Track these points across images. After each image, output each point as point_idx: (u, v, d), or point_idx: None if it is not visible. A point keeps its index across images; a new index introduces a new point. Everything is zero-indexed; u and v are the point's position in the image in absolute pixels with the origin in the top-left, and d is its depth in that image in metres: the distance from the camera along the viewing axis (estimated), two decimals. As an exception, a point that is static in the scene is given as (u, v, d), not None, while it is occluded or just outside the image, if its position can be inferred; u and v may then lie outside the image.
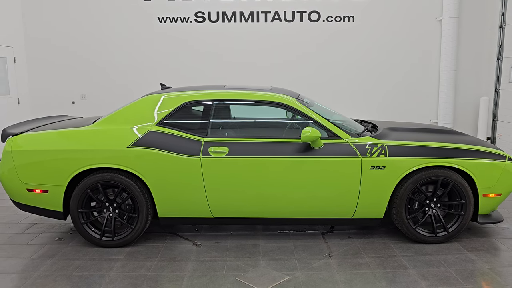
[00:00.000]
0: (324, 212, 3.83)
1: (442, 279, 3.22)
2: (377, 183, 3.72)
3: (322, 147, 3.73)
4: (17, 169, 3.79)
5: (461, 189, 3.76)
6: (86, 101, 8.84)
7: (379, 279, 3.24)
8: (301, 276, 3.29)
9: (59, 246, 3.91)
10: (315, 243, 3.93)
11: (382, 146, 3.75)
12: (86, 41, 8.67)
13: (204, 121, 3.88)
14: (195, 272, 3.37)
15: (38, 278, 3.28)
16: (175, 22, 8.58)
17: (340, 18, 8.57)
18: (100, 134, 3.79)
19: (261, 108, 4.05)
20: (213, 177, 3.71)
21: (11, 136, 3.87)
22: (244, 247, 3.86)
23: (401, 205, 3.77)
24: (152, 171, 3.70)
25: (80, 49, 8.70)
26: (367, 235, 4.11)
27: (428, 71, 8.72)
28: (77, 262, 3.56)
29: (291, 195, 3.76)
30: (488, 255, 3.65)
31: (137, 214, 3.79)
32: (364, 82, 8.76)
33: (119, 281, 3.23)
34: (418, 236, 3.84)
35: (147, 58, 8.71)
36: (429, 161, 3.70)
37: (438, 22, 8.52)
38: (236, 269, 3.42)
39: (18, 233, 4.24)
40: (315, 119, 3.87)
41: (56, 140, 3.79)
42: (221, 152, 3.71)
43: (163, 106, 3.92)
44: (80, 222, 3.79)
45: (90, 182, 3.73)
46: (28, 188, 3.81)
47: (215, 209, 3.81)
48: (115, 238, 3.82)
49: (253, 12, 8.55)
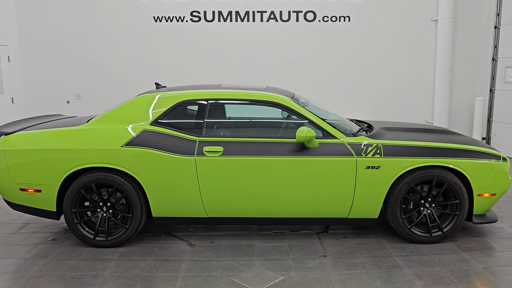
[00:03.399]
0: (319, 212, 3.82)
1: (437, 279, 3.22)
2: (372, 183, 3.72)
3: (317, 146, 3.72)
4: (10, 168, 3.75)
5: (456, 189, 3.76)
6: (80, 100, 8.80)
7: (374, 279, 3.23)
8: (296, 276, 3.28)
9: (53, 246, 3.88)
10: (310, 243, 3.92)
11: (377, 146, 3.74)
12: (81, 40, 8.63)
13: (198, 121, 3.86)
14: (189, 272, 3.35)
15: (31, 279, 3.25)
16: (170, 21, 8.56)
17: (336, 18, 8.58)
18: (94, 134, 3.77)
19: (256, 107, 4.04)
20: (207, 177, 3.70)
21: (4, 135, 3.83)
22: (238, 247, 3.84)
23: (396, 205, 3.77)
24: (146, 171, 3.68)
25: (75, 48, 8.65)
26: (362, 235, 4.10)
27: (423, 71, 8.74)
28: (70, 262, 3.54)
29: (286, 195, 3.75)
30: (483, 255, 3.66)
31: (131, 214, 3.76)
32: (360, 82, 8.77)
33: (112, 281, 3.20)
34: (413, 236, 3.84)
35: (142, 57, 8.68)
36: (424, 161, 3.70)
37: (434, 23, 8.54)
38: (231, 269, 3.40)
39: (11, 233, 4.21)
40: (310, 118, 3.86)
41: (49, 140, 3.76)
42: (215, 151, 3.69)
43: (158, 105, 3.90)
44: (73, 222, 3.77)
45: (83, 182, 3.70)
46: (21, 188, 3.78)
47: (210, 208, 3.80)
48: (109, 238, 3.79)
49: (249, 12, 8.54)
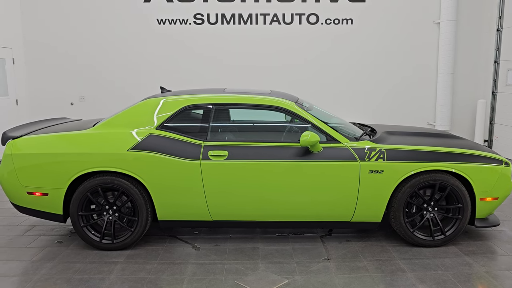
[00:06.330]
0: (322, 215, 3.86)
1: (440, 282, 3.25)
2: (375, 187, 3.75)
3: (321, 151, 3.76)
4: (17, 172, 3.80)
5: (458, 193, 3.79)
6: (84, 102, 8.84)
7: (377, 282, 3.27)
8: (300, 279, 3.31)
9: (59, 249, 3.93)
10: (314, 246, 3.95)
11: (380, 150, 3.78)
12: (85, 42, 8.67)
13: (203, 125, 3.90)
14: (195, 275, 3.39)
15: (38, 281, 3.29)
16: (174, 24, 8.60)
17: (339, 20, 8.60)
18: (100, 138, 3.81)
19: (260, 111, 4.07)
20: (212, 181, 3.73)
21: (11, 139, 3.88)
22: (243, 250, 3.88)
23: (399, 209, 3.81)
24: (152, 175, 3.72)
25: (78, 50, 8.70)
26: (365, 238, 4.14)
27: (425, 73, 8.76)
28: (77, 265, 3.58)
29: (290, 198, 3.79)
30: (485, 258, 3.69)
31: (136, 217, 3.80)
32: (362, 84, 8.80)
33: (119, 284, 3.25)
34: (415, 240, 3.88)
35: (146, 59, 8.72)
36: (427, 165, 3.73)
37: (436, 25, 8.57)
38: (236, 272, 3.44)
39: (18, 236, 4.26)
40: (314, 123, 3.89)
41: (56, 143, 3.81)
42: (220, 155, 3.73)
43: (163, 109, 3.94)
44: (80, 225, 3.81)
45: (90, 185, 3.75)
46: (28, 191, 3.83)
47: (215, 212, 3.84)
48: (115, 241, 3.83)
49: (252, 14, 8.57)
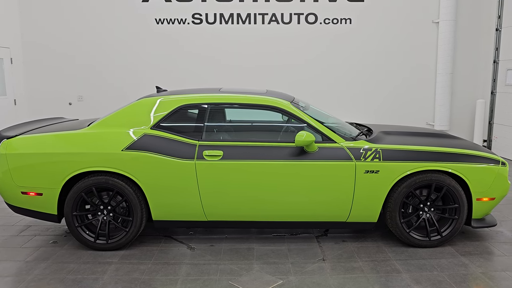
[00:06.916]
0: (318, 215, 3.84)
1: (435, 283, 3.23)
2: (371, 187, 3.73)
3: (316, 151, 3.74)
4: (11, 172, 3.79)
5: (454, 193, 3.77)
6: (83, 102, 8.84)
7: (372, 283, 3.25)
8: (294, 280, 3.29)
9: (53, 249, 3.91)
10: (309, 247, 3.94)
11: (376, 150, 3.76)
12: (83, 42, 8.67)
13: (198, 125, 3.88)
14: (189, 276, 3.38)
15: (32, 282, 3.28)
16: (172, 23, 8.59)
17: (337, 20, 8.59)
18: (95, 137, 3.79)
19: (256, 111, 4.06)
20: (207, 181, 3.72)
21: (5, 139, 3.87)
22: (238, 250, 3.86)
23: (395, 209, 3.79)
24: (147, 175, 3.71)
25: (76, 50, 8.69)
26: (361, 239, 4.12)
27: (424, 73, 8.74)
28: (71, 265, 3.56)
29: (285, 198, 3.77)
30: (482, 259, 3.66)
31: (131, 217, 3.79)
32: (361, 84, 8.78)
33: (112, 284, 3.23)
34: (412, 240, 3.86)
35: (144, 59, 8.71)
36: (423, 165, 3.71)
37: (435, 25, 8.55)
38: (230, 272, 3.42)
39: (12, 236, 4.24)
40: (309, 123, 3.88)
41: (50, 143, 3.79)
42: (215, 155, 3.71)
43: (158, 109, 3.92)
44: (74, 225, 3.79)
45: (84, 185, 3.73)
46: (22, 191, 3.81)
47: (210, 212, 3.82)
48: (109, 241, 3.82)
49: (250, 14, 8.56)
